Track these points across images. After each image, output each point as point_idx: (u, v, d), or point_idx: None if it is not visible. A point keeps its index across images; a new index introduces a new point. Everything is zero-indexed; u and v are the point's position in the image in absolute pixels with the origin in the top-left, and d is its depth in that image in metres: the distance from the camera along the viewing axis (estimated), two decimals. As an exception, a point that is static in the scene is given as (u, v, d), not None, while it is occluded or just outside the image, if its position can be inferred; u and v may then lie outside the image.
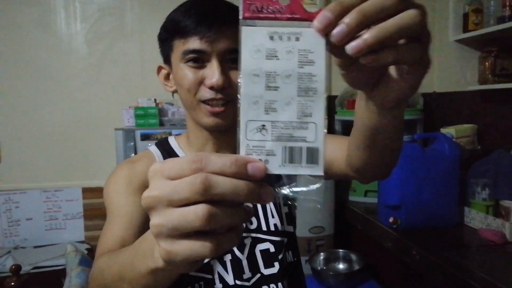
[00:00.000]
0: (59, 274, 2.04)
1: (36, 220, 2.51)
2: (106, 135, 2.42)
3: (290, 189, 0.40)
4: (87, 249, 2.34)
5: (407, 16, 0.34)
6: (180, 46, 0.75)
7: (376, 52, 0.35)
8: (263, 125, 0.35)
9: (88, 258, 1.97)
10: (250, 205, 0.36)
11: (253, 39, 0.35)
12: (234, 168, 0.32)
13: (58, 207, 2.53)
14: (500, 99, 2.10)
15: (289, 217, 0.90)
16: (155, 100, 2.42)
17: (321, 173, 0.35)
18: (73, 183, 2.56)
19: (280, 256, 0.83)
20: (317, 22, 0.34)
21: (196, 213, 0.31)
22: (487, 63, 2.04)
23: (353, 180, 1.90)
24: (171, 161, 0.33)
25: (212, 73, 0.74)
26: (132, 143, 2.15)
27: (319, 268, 2.17)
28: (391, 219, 1.80)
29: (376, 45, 0.34)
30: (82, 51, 2.57)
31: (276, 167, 0.35)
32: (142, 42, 2.54)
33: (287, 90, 0.35)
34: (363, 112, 0.50)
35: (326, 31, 0.34)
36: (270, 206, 0.87)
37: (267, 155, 0.35)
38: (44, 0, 2.50)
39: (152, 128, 2.24)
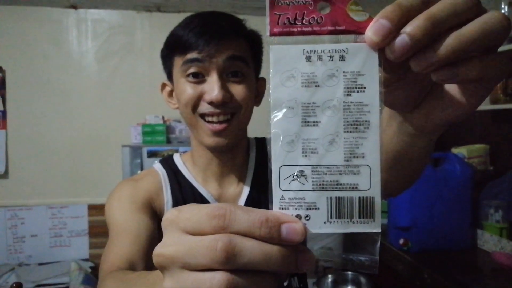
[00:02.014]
0: (62, 293, 2.01)
1: (41, 237, 2.49)
2: (113, 152, 2.42)
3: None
4: (91, 267, 2.31)
5: (492, 19, 0.27)
6: (180, 61, 0.74)
7: (454, 66, 0.28)
8: (301, 171, 0.29)
9: (91, 277, 1.94)
10: None
11: (285, 61, 0.29)
12: (265, 230, 0.26)
13: (63, 224, 2.51)
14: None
15: None
16: (163, 117, 2.41)
17: (378, 229, 0.29)
18: (79, 199, 2.54)
19: (285, 283, 0.80)
20: (371, 34, 0.27)
21: (212, 283, 0.25)
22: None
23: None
24: (189, 210, 0.28)
25: (212, 87, 0.71)
26: (138, 160, 2.14)
27: (327, 291, 2.10)
28: (401, 241, 1.75)
29: (453, 58, 0.27)
30: (92, 69, 2.59)
31: (320, 225, 0.28)
32: (151, 60, 2.56)
33: (330, 125, 0.28)
34: (393, 136, 0.44)
35: (382, 45, 0.28)
36: None
37: (307, 209, 0.28)
38: (57, 17, 2.54)
39: (159, 145, 2.23)
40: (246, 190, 0.83)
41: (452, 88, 0.33)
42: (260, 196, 0.82)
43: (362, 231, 0.28)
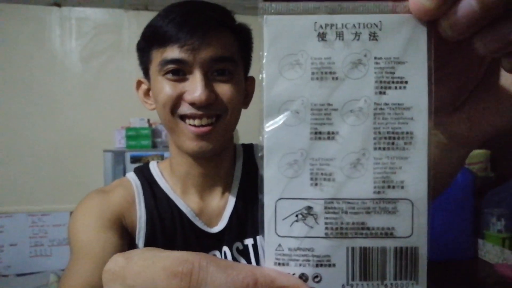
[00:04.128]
0: (40, 306, 1.90)
1: (21, 246, 2.37)
2: (96, 157, 2.32)
3: None
4: (72, 278, 2.21)
5: None
6: (158, 56, 0.64)
7: None
8: (309, 208, 0.19)
9: (71, 289, 1.84)
10: None
11: (287, 40, 0.20)
12: None
13: (44, 232, 2.39)
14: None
15: None
16: (148, 120, 2.32)
17: None
18: (61, 206, 2.43)
19: None
20: None
21: None
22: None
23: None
24: (140, 260, 0.20)
25: (194, 86, 0.62)
26: (121, 166, 2.03)
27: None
28: (399, 252, 1.68)
29: None
30: (76, 69, 2.50)
31: None
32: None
33: (354, 138, 0.19)
34: None
35: (437, 15, 0.19)
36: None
37: (317, 265, 0.19)
38: (40, 16, 2.45)
39: (144, 150, 2.13)
40: (231, 203, 0.73)
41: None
42: (246, 211, 0.73)
43: None
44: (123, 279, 0.20)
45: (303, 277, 0.20)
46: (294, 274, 0.20)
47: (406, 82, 0.19)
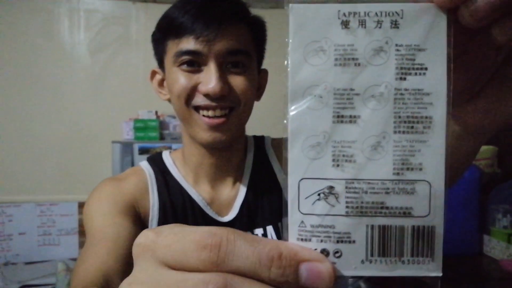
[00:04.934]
0: (48, 294, 1.93)
1: (29, 235, 2.40)
2: (104, 148, 2.33)
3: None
4: (80, 267, 2.23)
5: None
6: (174, 48, 0.65)
7: None
8: (331, 188, 0.21)
9: (79, 278, 1.86)
10: None
11: (312, 28, 0.20)
12: (276, 271, 0.19)
13: (52, 222, 2.42)
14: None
15: None
16: (156, 112, 2.33)
17: (439, 272, 0.21)
18: (69, 197, 2.46)
19: None
20: None
21: None
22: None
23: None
24: (170, 233, 0.20)
25: (209, 78, 0.63)
26: (129, 158, 2.05)
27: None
28: (404, 246, 1.69)
29: None
30: (85, 61, 2.51)
31: (355, 265, 0.21)
32: (146, 53, 2.45)
33: (375, 122, 0.20)
34: None
35: (457, 3, 0.20)
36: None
37: (338, 242, 0.20)
38: (48, 7, 2.45)
39: (152, 142, 2.14)
40: (242, 193, 0.74)
41: None
42: (257, 200, 0.74)
43: (416, 274, 0.21)
44: (153, 251, 0.20)
45: (324, 252, 0.21)
46: (316, 249, 0.21)
47: (426, 69, 0.20)
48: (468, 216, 1.65)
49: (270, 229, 0.74)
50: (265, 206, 0.74)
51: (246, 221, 0.73)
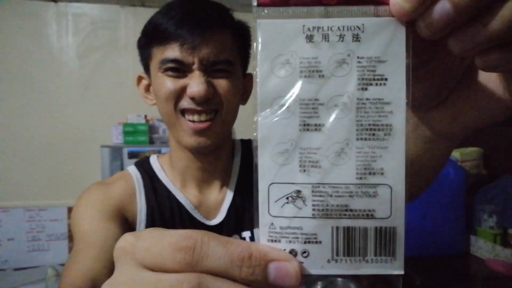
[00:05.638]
0: (38, 300, 1.92)
1: (18, 240, 2.38)
2: (93, 153, 2.32)
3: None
4: (70, 272, 2.22)
5: None
6: (159, 54, 0.66)
7: (508, 48, 0.21)
8: (298, 192, 0.22)
9: (68, 284, 1.85)
10: None
11: (278, 42, 0.22)
12: (246, 270, 0.20)
13: (41, 227, 2.41)
14: (507, 121, 2.02)
15: None
16: (145, 116, 2.33)
17: (401, 270, 0.22)
18: (58, 202, 2.44)
19: None
20: (401, 0, 0.20)
21: None
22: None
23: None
24: (149, 237, 0.22)
25: (194, 82, 0.64)
26: (119, 162, 2.04)
27: (315, 297, 2.04)
28: (393, 247, 1.70)
29: (509, 36, 0.21)
30: (73, 65, 2.50)
31: (322, 264, 0.22)
32: (135, 57, 2.42)
33: (339, 130, 0.22)
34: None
35: (414, 16, 0.21)
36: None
37: (305, 242, 0.22)
38: (36, 11, 2.44)
39: (141, 146, 2.14)
40: (229, 196, 0.75)
41: (491, 79, 0.25)
42: (244, 203, 0.75)
43: (379, 272, 0.22)
44: (132, 254, 0.22)
45: (292, 252, 0.22)
46: (285, 249, 0.22)
47: (386, 79, 0.21)
48: (454, 217, 1.67)
49: (257, 231, 0.75)
50: (253, 209, 0.75)
51: (233, 224, 0.74)
